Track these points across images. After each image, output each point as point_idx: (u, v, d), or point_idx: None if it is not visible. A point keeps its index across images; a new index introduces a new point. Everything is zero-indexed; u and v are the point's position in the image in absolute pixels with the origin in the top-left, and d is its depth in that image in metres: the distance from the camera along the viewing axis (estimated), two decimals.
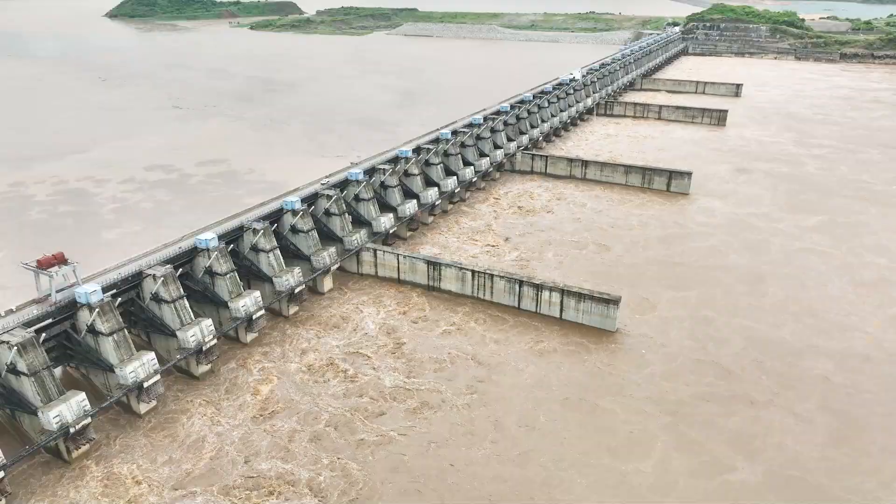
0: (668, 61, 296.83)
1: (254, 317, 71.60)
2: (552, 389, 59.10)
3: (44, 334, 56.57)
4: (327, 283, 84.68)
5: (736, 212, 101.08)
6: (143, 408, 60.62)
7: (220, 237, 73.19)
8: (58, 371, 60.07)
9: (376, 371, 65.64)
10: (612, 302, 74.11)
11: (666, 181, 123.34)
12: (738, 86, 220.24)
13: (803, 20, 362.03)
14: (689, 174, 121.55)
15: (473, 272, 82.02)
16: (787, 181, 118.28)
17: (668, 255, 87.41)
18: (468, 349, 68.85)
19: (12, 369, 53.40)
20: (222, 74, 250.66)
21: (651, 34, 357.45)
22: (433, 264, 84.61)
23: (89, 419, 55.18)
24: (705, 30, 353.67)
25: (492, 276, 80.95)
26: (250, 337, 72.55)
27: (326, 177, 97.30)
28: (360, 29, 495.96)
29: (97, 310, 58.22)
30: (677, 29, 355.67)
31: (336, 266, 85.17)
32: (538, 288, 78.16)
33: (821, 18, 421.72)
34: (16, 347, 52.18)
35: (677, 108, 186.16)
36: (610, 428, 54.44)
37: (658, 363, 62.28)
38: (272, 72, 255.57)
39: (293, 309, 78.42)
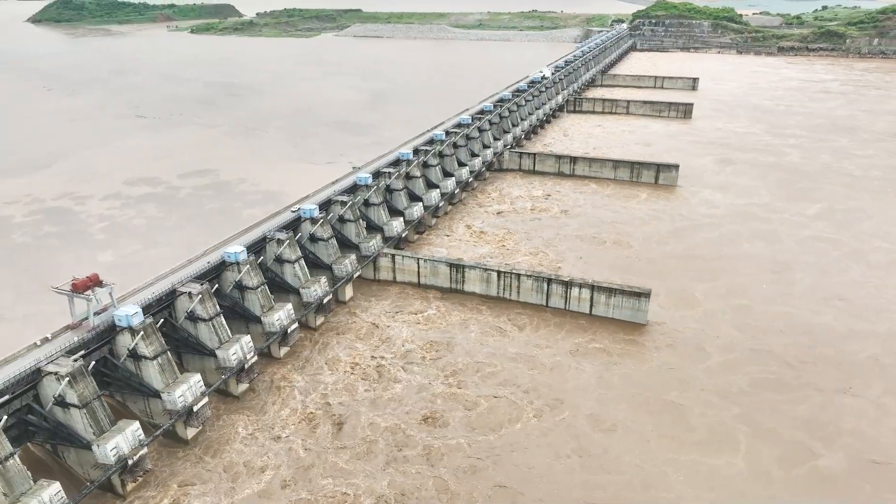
0: (620, 58, 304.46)
1: (289, 330, 69.26)
2: (614, 388, 59.35)
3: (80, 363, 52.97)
4: (348, 292, 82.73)
5: (735, 202, 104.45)
6: (190, 433, 57.69)
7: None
8: None
9: (423, 378, 64.46)
10: (643, 295, 75.26)
11: (654, 174, 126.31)
12: (695, 80, 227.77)
13: (741, 16, 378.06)
14: (676, 167, 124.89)
15: (499, 272, 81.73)
16: (775, 171, 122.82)
17: (684, 246, 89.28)
18: (511, 351, 68.52)
19: (60, 401, 49.77)
20: (177, 80, 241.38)
21: (601, 31, 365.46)
22: (456, 267, 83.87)
23: (145, 449, 52.07)
24: (651, 26, 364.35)
25: (518, 275, 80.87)
26: (283, 351, 70.16)
27: (332, 182, 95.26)
28: (306, 31, 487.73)
29: (140, 333, 54.96)
30: (625, 26, 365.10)
31: (357, 273, 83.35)
32: (567, 285, 78.57)
33: (754, 14, 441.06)
34: (67, 378, 48.64)
35: (644, 102, 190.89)
36: (687, 423, 54.89)
37: (715, 355, 63.50)
38: (229, 76, 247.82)
39: (319, 320, 76.29)
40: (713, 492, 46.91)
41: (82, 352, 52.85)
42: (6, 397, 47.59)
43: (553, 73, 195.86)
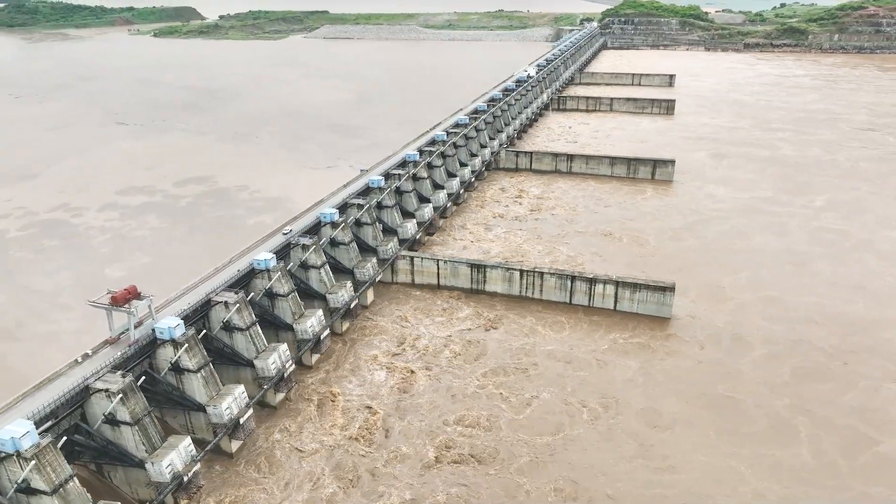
0: (594, 56, 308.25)
1: (321, 337, 68.08)
2: (661, 384, 59.74)
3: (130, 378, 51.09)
4: (370, 296, 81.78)
5: (739, 196, 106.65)
6: (234, 446, 56.19)
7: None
8: None
9: (461, 381, 63.92)
10: (667, 289, 76.14)
11: (650, 170, 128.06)
12: (672, 76, 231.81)
13: (707, 13, 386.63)
14: (672, 162, 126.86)
15: (522, 271, 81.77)
16: (770, 165, 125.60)
17: (699, 241, 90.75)
18: (547, 349, 68.57)
19: (110, 419, 47.92)
20: (150, 85, 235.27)
21: (573, 30, 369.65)
22: (477, 267, 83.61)
23: (198, 465, 50.53)
24: (621, 24, 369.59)
25: (541, 273, 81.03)
26: (314, 358, 68.91)
27: (343, 186, 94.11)
28: (274, 33, 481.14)
29: (185, 345, 53.28)
30: (595, 24, 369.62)
31: (379, 277, 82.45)
32: (591, 282, 79.02)
33: (716, 12, 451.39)
34: (119, 395, 46.84)
35: (627, 99, 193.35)
36: (742, 416, 55.40)
37: (756, 347, 64.46)
38: (205, 80, 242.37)
39: (345, 325, 75.18)
40: (782, 483, 47.55)
41: (129, 367, 50.99)
42: (49, 418, 45.61)
43: (537, 72, 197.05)
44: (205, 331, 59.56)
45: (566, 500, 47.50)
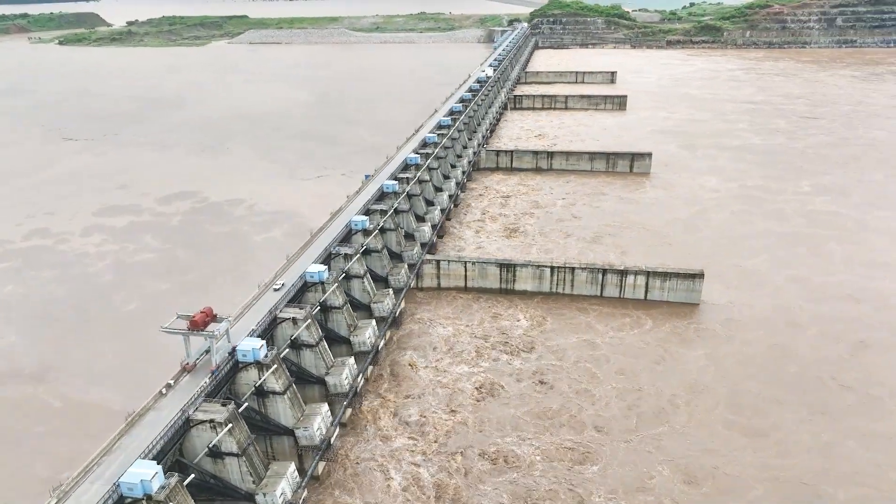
0: (530, 56, 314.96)
1: (379, 348, 66.10)
2: (731, 369, 61.59)
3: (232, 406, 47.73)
4: (402, 302, 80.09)
5: (729, 185, 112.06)
6: (320, 468, 53.60)
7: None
8: None
9: (534, 385, 63.61)
10: (697, 276, 79.10)
11: (629, 163, 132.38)
12: (613, 73, 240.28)
13: (628, 12, 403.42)
14: (649, 155, 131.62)
15: (552, 268, 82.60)
16: (745, 153, 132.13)
17: (709, 228, 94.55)
18: (603, 341, 69.41)
19: (214, 452, 44.56)
20: (84, 96, 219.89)
21: (504, 31, 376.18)
22: (506, 266, 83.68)
23: (306, 492, 47.88)
24: (550, 24, 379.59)
25: (572, 269, 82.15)
26: (369, 370, 66.73)
27: (356, 192, 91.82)
28: (194, 39, 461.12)
29: (274, 366, 50.33)
30: (525, 25, 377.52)
31: (412, 282, 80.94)
32: (622, 274, 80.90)
33: (633, 11, 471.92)
34: (229, 425, 43.64)
35: (582, 96, 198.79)
36: (824, 392, 57.47)
37: (808, 326, 67.99)
38: (143, 89, 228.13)
39: (388, 334, 73.28)
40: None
41: (219, 394, 47.64)
42: (160, 456, 41.99)
43: (493, 73, 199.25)
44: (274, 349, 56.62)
45: (690, 485, 48.25)
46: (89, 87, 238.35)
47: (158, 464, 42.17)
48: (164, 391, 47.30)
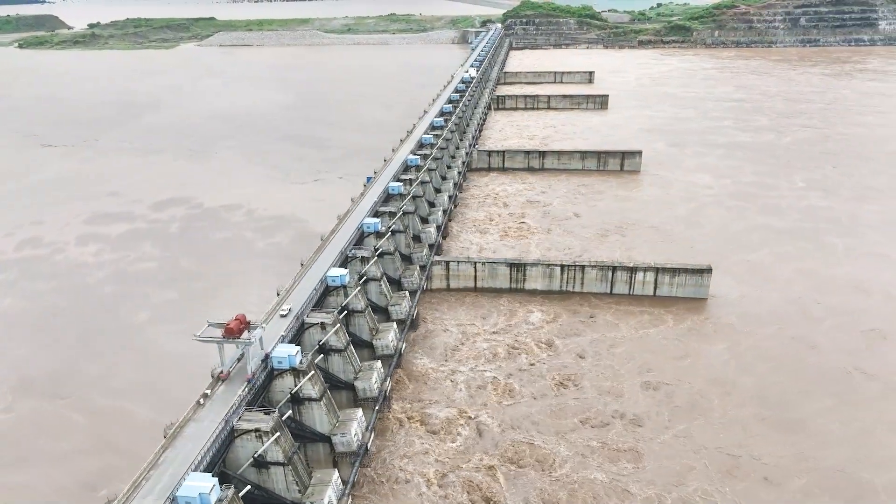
0: (506, 56, 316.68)
1: (402, 351, 65.51)
2: (755, 363, 62.34)
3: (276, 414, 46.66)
4: (417, 304, 79.54)
5: (723, 182, 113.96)
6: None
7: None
8: None
9: (559, 383, 63.67)
10: (704, 271, 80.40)
11: (619, 161, 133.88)
12: (591, 73, 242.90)
13: (599, 13, 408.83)
14: (639, 153, 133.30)
15: (562, 266, 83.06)
16: (735, 150, 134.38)
17: (711, 225, 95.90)
18: (624, 335, 69.85)
19: (260, 461, 43.55)
20: (56, 101, 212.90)
21: (479, 32, 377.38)
22: (516, 266, 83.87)
23: (350, 499, 47.11)
24: (523, 25, 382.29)
25: (582, 267, 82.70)
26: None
27: (360, 195, 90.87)
28: (161, 42, 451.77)
29: (312, 373, 49.46)
30: (499, 26, 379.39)
31: (424, 284, 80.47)
32: (631, 271, 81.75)
33: (604, 12, 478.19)
34: (275, 434, 42.68)
35: (564, 96, 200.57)
36: (860, 383, 58.41)
37: (826, 318, 69.42)
38: (117, 93, 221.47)
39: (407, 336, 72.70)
40: None
41: (258, 402, 46.61)
42: (210, 467, 40.86)
43: (476, 73, 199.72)
44: None
45: (731, 478, 48.90)
46: (59, 92, 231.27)
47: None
48: (201, 401, 46.04)
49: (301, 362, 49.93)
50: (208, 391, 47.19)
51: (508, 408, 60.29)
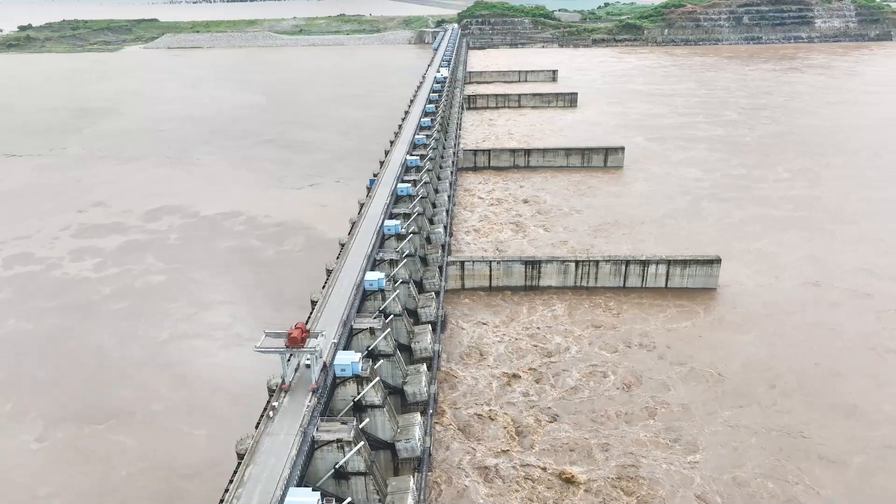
0: (466, 56, 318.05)
1: (440, 354, 64.88)
2: (789, 349, 64.12)
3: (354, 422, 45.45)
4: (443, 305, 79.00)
5: (712, 175, 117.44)
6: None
7: None
8: None
9: (597, 376, 64.42)
10: (714, 262, 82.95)
11: (603, 158, 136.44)
12: (554, 72, 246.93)
13: (553, 12, 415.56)
14: (622, 149, 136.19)
15: (577, 262, 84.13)
16: (716, 144, 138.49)
17: (712, 216, 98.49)
18: (654, 328, 71.03)
19: (340, 473, 42.36)
20: (4, 108, 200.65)
21: (435, 32, 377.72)
22: (531, 263, 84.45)
23: None
24: (479, 25, 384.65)
25: (596, 262, 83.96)
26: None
27: (369, 197, 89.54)
28: (103, 44, 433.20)
29: (377, 379, 48.41)
30: (456, 26, 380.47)
31: (445, 285, 79.93)
32: (644, 264, 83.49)
33: (556, 11, 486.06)
34: (358, 445, 41.59)
35: (534, 94, 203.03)
36: (893, 363, 60.67)
37: (844, 302, 72.13)
38: (70, 99, 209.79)
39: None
40: None
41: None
42: (301, 482, 39.53)
43: (449, 73, 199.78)
44: None
45: (789, 459, 50.46)
46: (1, 99, 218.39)
47: None
48: (270, 414, 44.47)
49: (364, 369, 48.93)
50: (275, 404, 45.61)
51: (552, 402, 60.53)
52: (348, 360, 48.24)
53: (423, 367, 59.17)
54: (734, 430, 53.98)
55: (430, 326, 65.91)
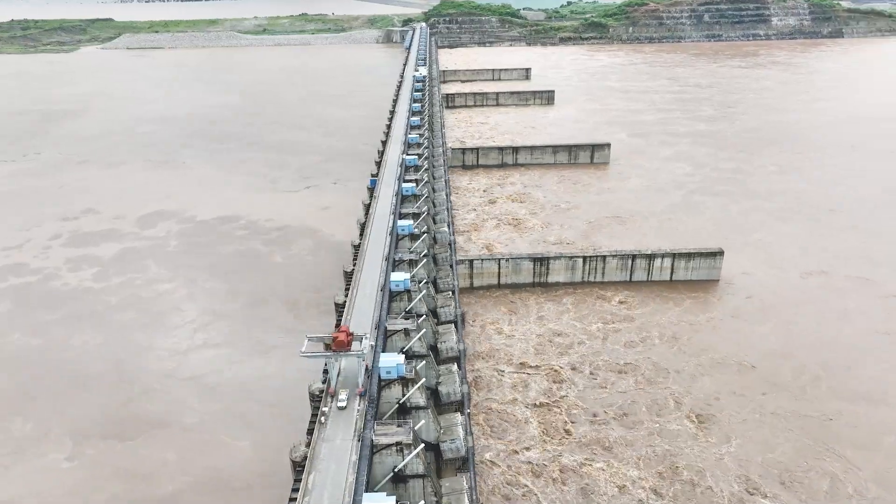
0: (436, 54, 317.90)
1: (467, 353, 64.68)
2: (806, 339, 65.80)
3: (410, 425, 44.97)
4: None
5: (702, 170, 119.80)
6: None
7: None
8: None
9: (623, 370, 64.95)
10: (717, 254, 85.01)
11: (589, 154, 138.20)
12: (528, 70, 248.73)
13: (519, 11, 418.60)
14: (608, 145, 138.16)
15: (584, 258, 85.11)
16: (700, 138, 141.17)
17: (710, 209, 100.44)
18: (673, 320, 72.27)
19: (398, 475, 41.89)
20: None
21: (404, 31, 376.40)
22: (539, 260, 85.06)
23: None
24: (447, 24, 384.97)
25: (604, 257, 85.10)
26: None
27: (372, 197, 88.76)
28: (57, 45, 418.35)
29: (421, 381, 48.00)
30: (425, 25, 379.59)
31: (458, 285, 79.64)
32: (650, 258, 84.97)
33: (521, 10, 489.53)
34: (418, 447, 41.23)
35: (512, 93, 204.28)
36: None
37: (853, 289, 74.23)
38: (34, 102, 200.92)
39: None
40: None
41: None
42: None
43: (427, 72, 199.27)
44: None
45: (823, 442, 51.88)
46: None
47: None
48: (322, 420, 43.70)
49: (409, 371, 48.50)
50: (325, 409, 44.82)
51: (583, 398, 61.07)
52: (393, 362, 47.76)
53: (454, 366, 58.98)
54: (761, 414, 55.40)
55: (452, 326, 65.73)
